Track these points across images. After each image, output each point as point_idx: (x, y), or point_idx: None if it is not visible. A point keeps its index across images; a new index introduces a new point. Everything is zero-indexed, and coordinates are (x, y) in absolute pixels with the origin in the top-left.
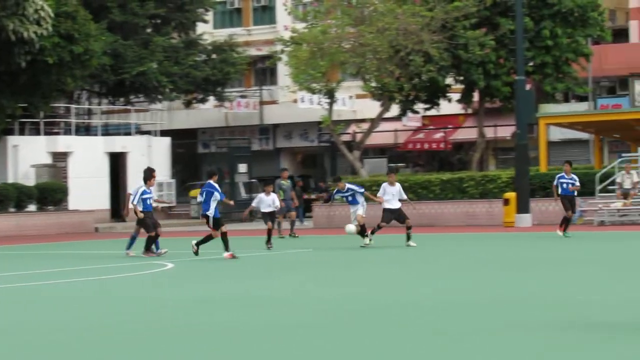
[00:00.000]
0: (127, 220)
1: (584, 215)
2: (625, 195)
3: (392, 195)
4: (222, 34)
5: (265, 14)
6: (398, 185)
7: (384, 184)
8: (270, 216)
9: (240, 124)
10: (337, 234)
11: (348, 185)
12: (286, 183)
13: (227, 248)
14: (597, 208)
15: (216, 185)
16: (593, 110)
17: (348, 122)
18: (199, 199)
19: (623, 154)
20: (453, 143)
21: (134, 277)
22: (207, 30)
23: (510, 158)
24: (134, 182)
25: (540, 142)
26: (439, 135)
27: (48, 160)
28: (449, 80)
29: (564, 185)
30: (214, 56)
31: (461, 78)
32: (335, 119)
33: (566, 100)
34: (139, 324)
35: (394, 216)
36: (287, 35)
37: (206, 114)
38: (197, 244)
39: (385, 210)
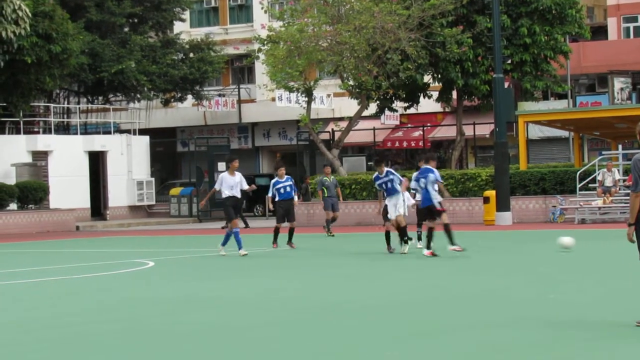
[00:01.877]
0: (109, 219)
1: (564, 213)
2: (606, 192)
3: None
4: (199, 33)
5: (242, 12)
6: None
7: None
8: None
9: (218, 122)
10: (316, 232)
11: (386, 169)
12: (329, 179)
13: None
14: (578, 206)
15: None
16: (572, 108)
17: (326, 121)
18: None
19: (604, 152)
20: (432, 141)
21: (114, 276)
22: (185, 29)
23: (490, 156)
24: (114, 181)
25: (519, 140)
26: (417, 133)
27: (28, 159)
28: (427, 78)
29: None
30: (191, 55)
31: (439, 76)
32: (313, 117)
33: (545, 98)
34: (116, 323)
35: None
36: (264, 33)
37: (184, 112)
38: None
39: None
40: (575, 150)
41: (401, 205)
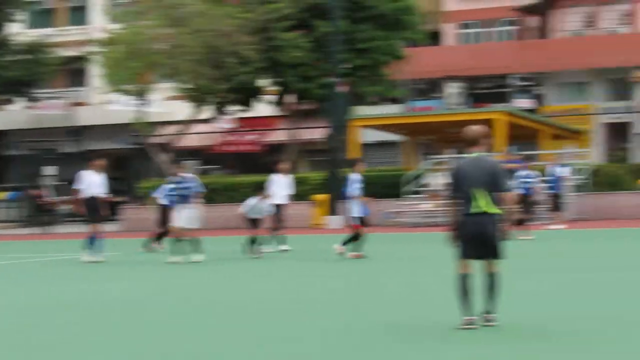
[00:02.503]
0: None
1: (395, 216)
2: (435, 196)
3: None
4: (35, 34)
5: (79, 14)
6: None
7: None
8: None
9: (50, 125)
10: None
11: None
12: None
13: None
14: (406, 210)
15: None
16: (405, 112)
17: (161, 124)
18: None
19: (432, 156)
20: (266, 145)
21: None
22: (21, 31)
23: (324, 160)
24: None
25: (353, 144)
26: (252, 137)
27: None
28: (264, 82)
29: None
30: (24, 56)
31: (276, 80)
32: (147, 120)
33: (381, 102)
34: None
35: None
36: (101, 36)
37: (15, 115)
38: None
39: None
40: (407, 154)
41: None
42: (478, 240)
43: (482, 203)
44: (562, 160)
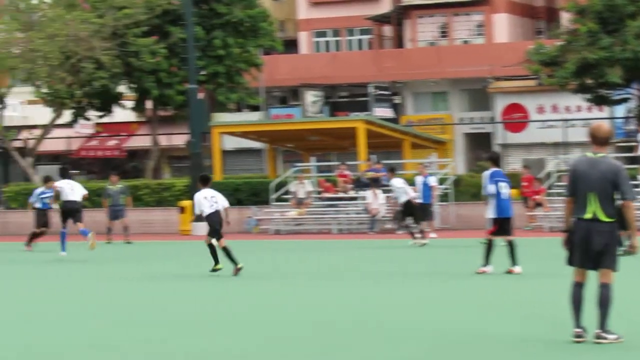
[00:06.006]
0: None
1: (259, 223)
2: (300, 204)
3: None
4: None
5: None
6: None
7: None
8: None
9: None
10: (12, 240)
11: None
12: (114, 187)
13: None
14: (273, 217)
15: None
16: (265, 120)
17: (20, 128)
18: None
19: (297, 164)
20: (127, 150)
21: None
22: None
23: (185, 166)
24: None
25: (214, 150)
26: (113, 142)
27: None
28: (122, 87)
29: None
30: None
31: (134, 86)
32: (5, 124)
33: (239, 109)
34: None
35: None
36: None
37: None
38: None
39: None
40: (269, 161)
41: None
42: (585, 248)
43: (595, 209)
44: (429, 170)
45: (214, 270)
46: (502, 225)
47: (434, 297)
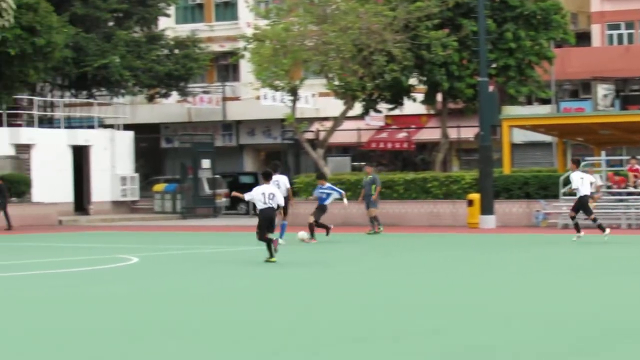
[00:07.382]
0: (92, 214)
1: (547, 217)
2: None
3: None
4: (184, 29)
5: (228, 10)
6: None
7: None
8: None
9: (203, 119)
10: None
11: (328, 184)
12: (365, 178)
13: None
14: (561, 211)
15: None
16: (556, 113)
17: (311, 120)
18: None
19: (586, 158)
20: (416, 143)
21: (98, 271)
22: (170, 25)
23: (474, 159)
24: (97, 176)
25: (503, 144)
26: (402, 135)
27: (11, 152)
28: (412, 80)
29: None
30: (176, 51)
31: (424, 78)
32: (298, 116)
33: (529, 103)
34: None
35: None
36: (249, 32)
37: (169, 109)
38: None
39: None
40: (558, 155)
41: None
42: None
43: None
44: None
45: (267, 261)
46: None
47: None
